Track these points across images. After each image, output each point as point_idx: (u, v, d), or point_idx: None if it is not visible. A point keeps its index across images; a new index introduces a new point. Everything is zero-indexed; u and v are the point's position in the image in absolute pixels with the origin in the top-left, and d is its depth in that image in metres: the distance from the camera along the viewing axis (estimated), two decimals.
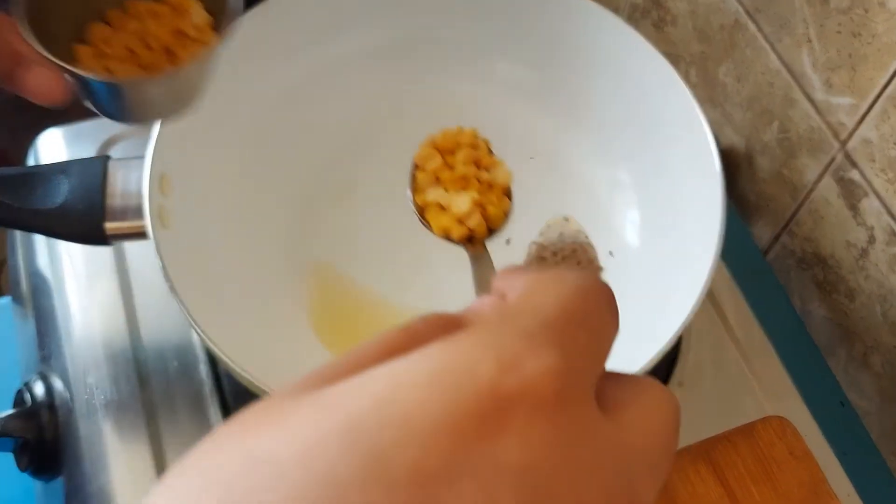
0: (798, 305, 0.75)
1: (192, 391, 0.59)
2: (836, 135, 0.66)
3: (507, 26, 0.65)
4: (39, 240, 0.66)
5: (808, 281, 0.73)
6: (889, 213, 0.63)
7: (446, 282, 0.62)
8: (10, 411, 0.58)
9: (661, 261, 0.59)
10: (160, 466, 0.56)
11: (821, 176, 0.69)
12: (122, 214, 0.54)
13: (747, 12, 0.71)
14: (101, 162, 0.55)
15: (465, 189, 0.58)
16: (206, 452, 0.20)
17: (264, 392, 0.47)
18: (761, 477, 0.55)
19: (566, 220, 0.65)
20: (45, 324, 0.62)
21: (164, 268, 0.51)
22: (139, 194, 0.54)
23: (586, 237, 0.64)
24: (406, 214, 0.65)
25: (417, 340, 0.21)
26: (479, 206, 0.58)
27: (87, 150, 0.68)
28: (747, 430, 0.57)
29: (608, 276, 0.62)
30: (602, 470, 0.21)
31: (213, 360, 0.60)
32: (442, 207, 0.58)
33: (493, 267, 0.56)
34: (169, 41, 0.46)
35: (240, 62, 0.60)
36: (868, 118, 0.63)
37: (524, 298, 0.24)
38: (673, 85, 0.59)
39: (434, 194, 0.58)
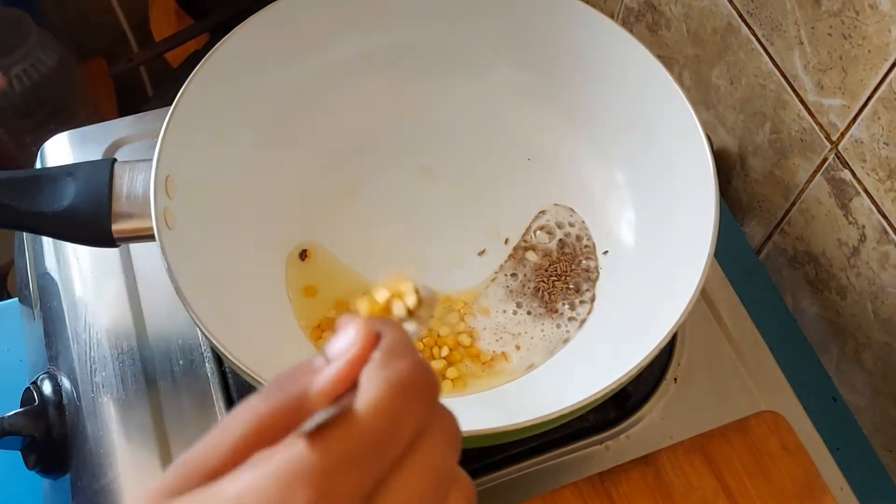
0: (790, 303, 0.76)
1: (197, 389, 0.59)
2: (827, 135, 0.67)
3: (506, 31, 0.65)
4: (46, 241, 0.66)
5: (801, 279, 0.74)
6: (880, 211, 0.64)
7: (445, 278, 0.63)
8: (18, 410, 0.59)
9: (656, 260, 0.60)
10: (166, 464, 0.56)
11: (812, 176, 0.70)
12: (129, 216, 0.55)
13: (740, 15, 0.72)
14: (107, 164, 0.56)
15: None
16: None
17: None
18: (755, 470, 0.56)
19: (557, 206, 0.66)
20: (53, 324, 0.63)
21: (169, 269, 0.51)
22: (145, 196, 0.54)
23: (583, 224, 0.65)
24: (410, 216, 0.66)
25: (262, 438, 0.27)
26: None
27: (94, 154, 0.69)
28: (741, 425, 0.58)
29: (605, 275, 0.63)
30: None
31: (218, 359, 0.60)
32: None
33: None
34: None
35: (245, 65, 0.61)
36: (859, 119, 0.63)
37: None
38: (667, 87, 0.60)
39: None
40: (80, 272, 0.64)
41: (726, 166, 0.79)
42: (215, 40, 0.61)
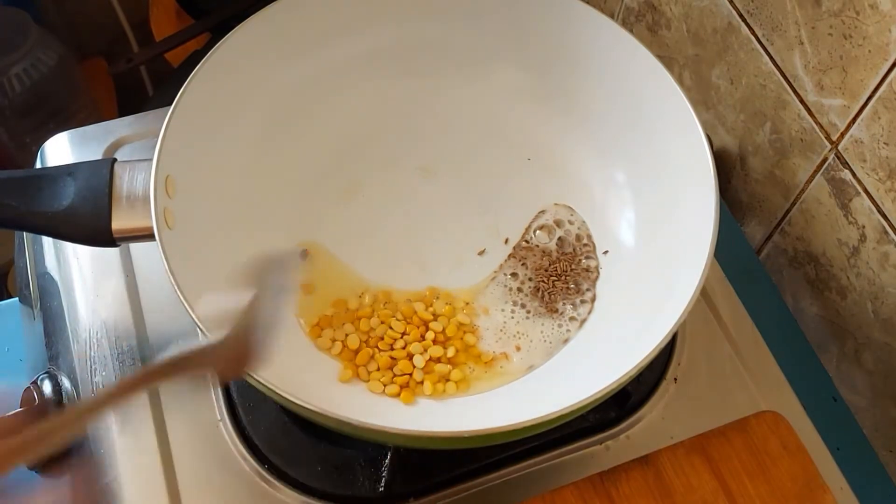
0: (790, 303, 0.76)
1: (197, 389, 0.59)
2: (827, 135, 0.67)
3: (506, 31, 0.65)
4: (46, 241, 0.66)
5: (801, 279, 0.74)
6: (880, 211, 0.64)
7: (445, 278, 0.63)
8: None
9: (656, 259, 0.60)
10: (167, 464, 0.56)
11: (812, 176, 0.70)
12: (129, 216, 0.55)
13: (740, 15, 0.72)
14: (107, 164, 0.56)
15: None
16: None
17: (267, 389, 0.48)
18: (755, 470, 0.56)
19: (557, 206, 0.66)
20: (53, 324, 0.63)
21: (168, 269, 0.51)
22: (145, 196, 0.54)
23: (583, 223, 0.65)
24: (410, 215, 0.66)
25: None
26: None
27: (94, 154, 0.69)
28: (741, 425, 0.57)
29: (605, 275, 0.63)
30: None
31: None
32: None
33: None
34: None
35: (245, 65, 0.61)
36: (859, 119, 0.63)
37: None
38: (667, 87, 0.60)
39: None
40: (80, 272, 0.64)
41: (726, 166, 0.79)
42: (215, 40, 0.61)
